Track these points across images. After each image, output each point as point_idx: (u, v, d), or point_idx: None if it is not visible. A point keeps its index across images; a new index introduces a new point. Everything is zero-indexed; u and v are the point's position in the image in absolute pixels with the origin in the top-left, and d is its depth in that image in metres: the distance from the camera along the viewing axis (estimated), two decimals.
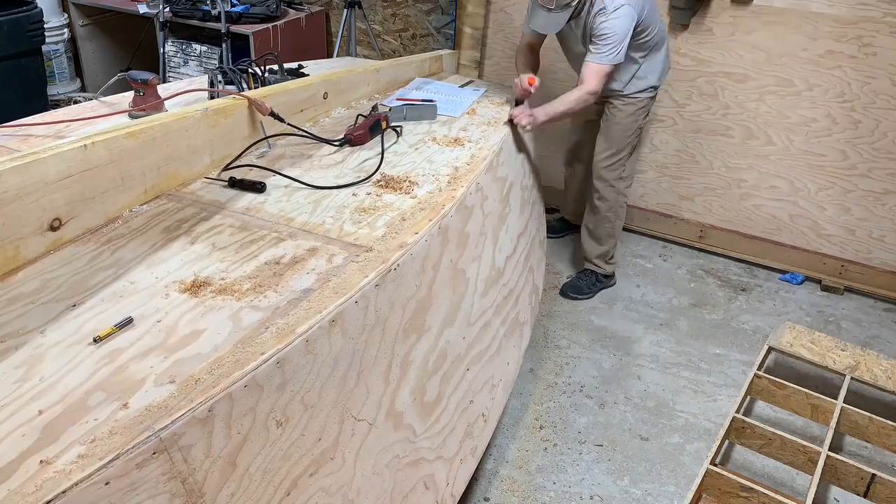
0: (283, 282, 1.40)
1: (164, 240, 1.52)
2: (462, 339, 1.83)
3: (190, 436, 1.05)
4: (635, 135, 2.95)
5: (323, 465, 1.32)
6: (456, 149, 2.17)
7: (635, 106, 2.87)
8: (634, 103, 2.87)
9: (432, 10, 3.94)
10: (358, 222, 1.66)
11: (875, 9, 2.89)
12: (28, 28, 3.40)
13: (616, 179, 2.99)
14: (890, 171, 3.10)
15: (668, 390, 2.65)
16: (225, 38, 3.70)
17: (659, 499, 2.20)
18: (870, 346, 2.90)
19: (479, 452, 1.90)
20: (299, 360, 1.25)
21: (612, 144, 2.93)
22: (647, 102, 2.89)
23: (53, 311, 1.27)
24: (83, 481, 0.92)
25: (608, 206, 3.03)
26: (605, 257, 3.15)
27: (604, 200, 3.03)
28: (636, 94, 2.84)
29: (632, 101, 2.86)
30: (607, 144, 2.94)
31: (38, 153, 1.41)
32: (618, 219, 3.08)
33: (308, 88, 2.25)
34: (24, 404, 1.05)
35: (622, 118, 2.89)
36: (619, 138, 2.92)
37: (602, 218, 3.06)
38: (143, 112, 1.93)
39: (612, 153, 2.94)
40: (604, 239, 3.10)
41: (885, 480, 2.06)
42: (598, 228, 3.09)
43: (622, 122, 2.89)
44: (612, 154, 2.94)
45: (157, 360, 1.16)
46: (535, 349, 2.79)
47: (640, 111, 2.89)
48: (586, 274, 3.20)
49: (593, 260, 3.16)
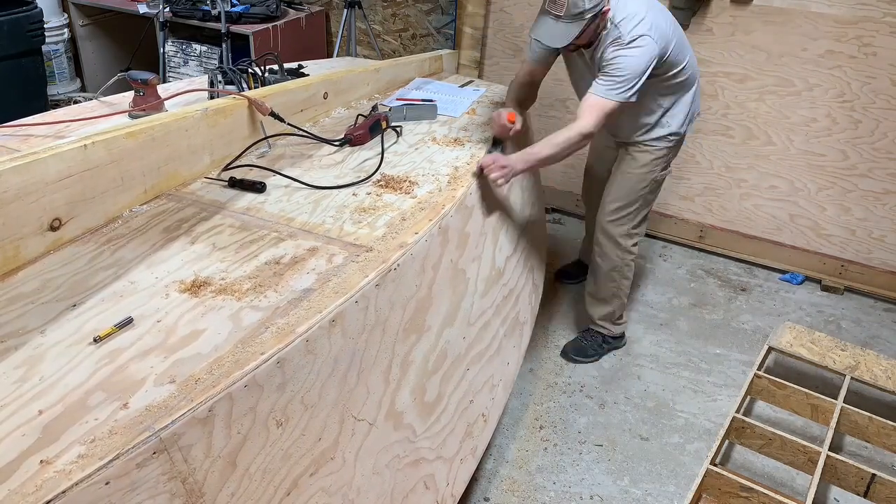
0: (283, 282, 1.40)
1: (164, 240, 1.52)
2: (462, 338, 1.83)
3: (190, 436, 1.05)
4: (649, 188, 2.51)
5: (323, 464, 1.32)
6: (456, 149, 2.17)
7: (652, 155, 2.45)
8: (651, 152, 2.45)
9: (432, 10, 3.94)
10: (358, 222, 1.66)
11: (875, 9, 2.89)
12: (28, 28, 3.40)
13: (623, 236, 2.56)
14: (890, 171, 3.10)
15: (668, 390, 2.65)
16: (225, 38, 3.70)
17: (659, 499, 2.20)
18: (870, 346, 2.90)
19: (479, 452, 1.91)
20: (299, 360, 1.25)
21: (621, 196, 2.51)
22: (665, 152, 2.46)
23: (53, 310, 1.27)
24: (83, 481, 0.92)
25: (611, 265, 2.61)
26: (612, 318, 2.74)
27: (606, 259, 2.61)
28: (653, 141, 2.44)
29: (647, 149, 2.45)
30: (616, 195, 2.53)
31: (38, 153, 1.41)
32: (623, 279, 2.66)
33: (308, 88, 2.25)
34: (24, 404, 1.05)
35: (635, 168, 2.48)
36: (630, 190, 2.50)
37: (605, 277, 2.65)
38: (143, 112, 1.93)
39: (620, 206, 2.52)
40: (608, 300, 2.70)
41: (885, 480, 2.06)
42: (600, 289, 2.69)
43: (634, 172, 2.48)
44: (619, 207, 2.52)
45: (157, 359, 1.16)
46: (535, 349, 2.79)
47: (656, 161, 2.47)
48: (591, 335, 2.79)
49: (597, 321, 2.76)
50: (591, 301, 2.75)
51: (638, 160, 2.47)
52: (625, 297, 2.72)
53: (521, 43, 3.55)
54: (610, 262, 2.61)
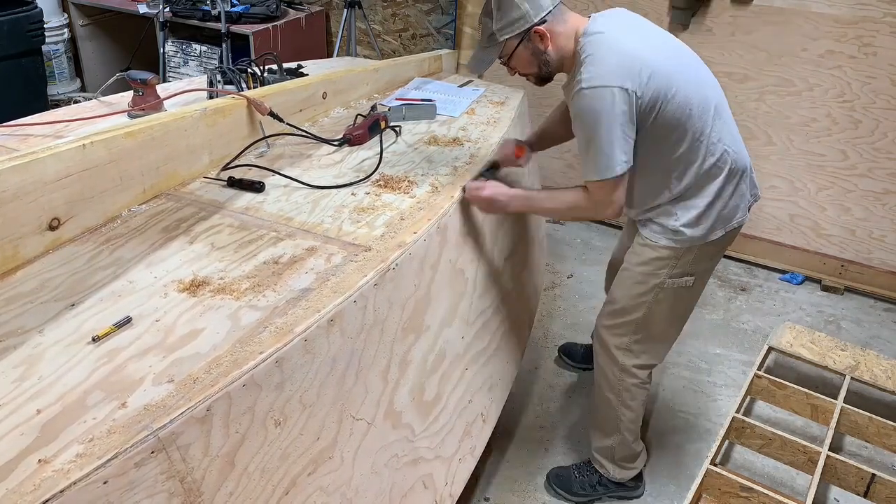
0: (281, 281, 1.40)
1: (162, 239, 1.52)
2: (461, 338, 1.83)
3: (188, 435, 1.05)
4: (653, 297, 1.88)
5: (321, 464, 1.32)
6: (455, 148, 2.17)
7: (654, 253, 1.85)
8: (652, 248, 1.85)
9: (432, 10, 3.94)
10: (357, 222, 1.66)
11: (875, 9, 2.89)
12: (28, 28, 3.40)
13: (620, 350, 1.97)
14: (890, 171, 3.10)
15: (668, 390, 2.65)
16: (225, 38, 3.71)
17: (659, 499, 2.20)
18: (870, 346, 2.90)
19: (478, 452, 1.90)
20: (298, 360, 1.25)
21: (618, 296, 1.95)
22: (671, 253, 1.83)
23: (52, 310, 1.27)
24: (81, 480, 0.92)
25: (607, 384, 2.03)
26: (612, 456, 2.12)
27: (601, 373, 2.04)
28: (656, 234, 1.84)
29: (649, 242, 1.86)
30: (613, 293, 1.98)
31: (37, 153, 1.41)
32: (624, 408, 2.03)
33: (307, 88, 2.26)
34: (22, 403, 1.05)
35: (634, 262, 1.90)
36: (626, 292, 1.92)
37: (601, 399, 2.07)
38: (142, 112, 1.93)
39: (615, 310, 1.96)
40: (608, 430, 2.09)
41: (885, 480, 2.06)
42: (598, 413, 2.12)
43: (633, 268, 1.90)
44: (615, 311, 1.96)
45: (156, 359, 1.16)
46: (535, 349, 2.79)
47: (659, 262, 1.85)
48: (585, 470, 2.18)
49: (594, 453, 2.16)
50: (591, 424, 2.20)
51: (638, 255, 1.89)
52: (631, 435, 2.07)
53: None
54: (605, 381, 2.04)
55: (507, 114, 2.55)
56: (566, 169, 3.70)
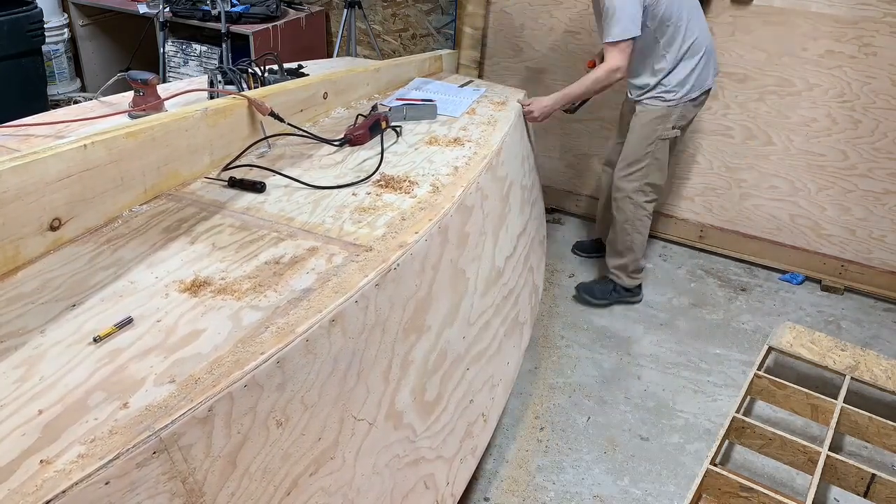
0: (282, 281, 1.40)
1: (163, 239, 1.52)
2: (462, 338, 1.83)
3: (190, 435, 1.05)
4: (655, 145, 2.78)
5: (323, 464, 1.32)
6: (456, 149, 2.17)
7: (651, 114, 2.75)
8: (651, 111, 2.75)
9: (432, 10, 3.94)
10: (358, 222, 1.66)
11: (875, 9, 2.89)
12: (28, 28, 3.40)
13: (635, 191, 2.85)
14: (890, 171, 3.10)
15: (668, 390, 2.65)
16: (225, 38, 3.70)
17: (659, 499, 2.20)
18: (870, 346, 2.91)
19: (479, 452, 1.90)
20: (299, 360, 1.25)
21: (630, 152, 2.82)
22: (664, 112, 2.74)
23: (53, 310, 1.27)
24: (83, 481, 0.92)
25: (624, 218, 2.90)
26: (625, 270, 3.01)
27: (620, 212, 2.90)
28: (652, 100, 2.74)
29: (648, 107, 2.76)
30: (626, 152, 2.84)
31: (37, 153, 1.41)
32: (636, 233, 2.92)
33: (308, 88, 2.25)
34: (23, 404, 1.05)
35: (637, 125, 2.79)
36: (637, 146, 2.80)
37: (620, 230, 2.93)
38: (142, 112, 1.93)
39: (630, 162, 2.82)
40: (623, 252, 2.98)
41: (885, 480, 2.06)
42: (616, 241, 2.98)
43: (637, 129, 2.79)
44: (630, 163, 2.83)
45: (157, 359, 1.16)
46: (535, 349, 2.79)
47: (656, 121, 2.75)
48: (605, 281, 3.09)
49: (612, 269, 3.04)
50: (609, 250, 3.04)
51: (640, 118, 2.77)
52: (639, 251, 2.95)
53: (521, 43, 3.55)
54: (623, 216, 2.89)
55: (507, 114, 2.56)
56: (566, 169, 3.71)
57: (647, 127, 2.75)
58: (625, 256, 2.97)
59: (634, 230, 2.90)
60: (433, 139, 2.22)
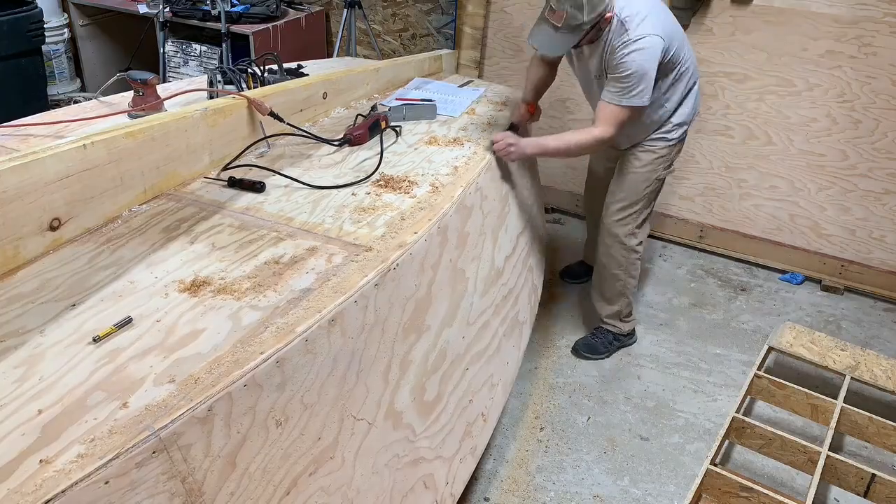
0: (282, 281, 1.40)
1: (163, 239, 1.52)
2: (461, 338, 1.83)
3: (189, 435, 1.05)
4: (652, 187, 2.55)
5: (322, 464, 1.32)
6: (455, 148, 2.17)
7: (654, 154, 2.49)
8: (654, 151, 2.49)
9: (432, 10, 3.94)
10: (357, 222, 1.66)
11: (875, 9, 2.89)
12: (28, 28, 3.40)
13: (627, 236, 2.59)
14: (890, 171, 3.10)
15: (668, 390, 2.65)
16: (225, 38, 3.70)
17: (659, 499, 2.20)
18: (870, 346, 2.90)
19: (479, 452, 1.90)
20: (299, 360, 1.25)
21: (625, 195, 2.54)
22: (667, 152, 2.50)
23: (53, 310, 1.27)
24: (83, 480, 0.92)
25: (616, 264, 2.64)
26: (619, 316, 2.77)
27: (611, 259, 2.65)
28: (656, 141, 2.48)
29: (651, 148, 2.49)
30: (620, 195, 2.56)
31: (37, 153, 1.41)
32: (629, 277, 2.68)
33: (307, 88, 2.25)
34: (23, 404, 1.05)
35: (638, 167, 2.51)
36: (633, 190, 2.53)
37: (610, 276, 2.68)
38: (142, 112, 1.93)
39: (625, 206, 2.55)
40: (614, 299, 2.73)
41: (885, 480, 2.06)
42: (606, 288, 2.72)
43: (638, 171, 2.52)
44: (624, 207, 2.55)
45: (157, 359, 1.16)
46: (535, 349, 2.79)
47: (659, 161, 2.50)
48: (602, 332, 2.81)
49: (605, 320, 2.80)
50: (598, 299, 2.79)
51: (641, 160, 2.51)
52: (631, 295, 2.75)
53: (521, 43, 3.55)
54: (615, 262, 2.65)
55: (507, 114, 2.56)
56: (566, 169, 3.70)
57: (648, 168, 2.51)
58: (616, 303, 2.74)
59: (627, 275, 2.67)
60: (433, 139, 2.22)
